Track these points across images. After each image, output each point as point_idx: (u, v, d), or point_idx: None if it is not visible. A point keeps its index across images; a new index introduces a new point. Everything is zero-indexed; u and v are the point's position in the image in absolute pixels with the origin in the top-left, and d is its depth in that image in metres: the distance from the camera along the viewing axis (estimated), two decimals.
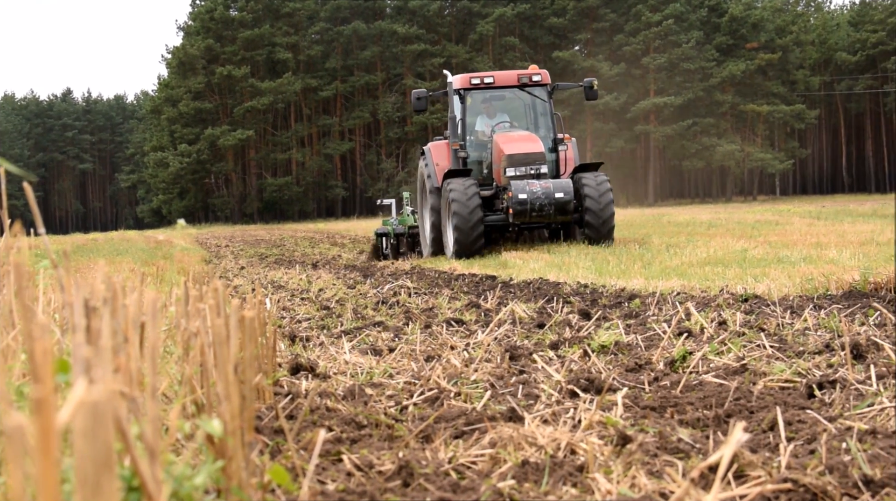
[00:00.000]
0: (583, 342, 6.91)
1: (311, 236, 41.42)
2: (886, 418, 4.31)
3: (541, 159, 21.76)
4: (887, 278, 9.56)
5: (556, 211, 20.97)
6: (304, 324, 9.70)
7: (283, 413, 4.69)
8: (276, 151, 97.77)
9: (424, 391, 5.42)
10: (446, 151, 23.45)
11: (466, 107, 23.28)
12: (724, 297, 9.91)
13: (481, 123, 23.52)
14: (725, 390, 5.11)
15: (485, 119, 23.54)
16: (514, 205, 20.87)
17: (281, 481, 2.96)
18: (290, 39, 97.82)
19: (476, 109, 23.52)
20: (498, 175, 22.20)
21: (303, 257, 25.62)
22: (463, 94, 23.20)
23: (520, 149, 21.79)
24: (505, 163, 21.68)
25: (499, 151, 22.01)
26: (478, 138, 23.42)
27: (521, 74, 23.33)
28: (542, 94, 23.53)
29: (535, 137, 22.30)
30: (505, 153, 21.68)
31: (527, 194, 20.90)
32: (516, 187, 20.99)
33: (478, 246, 21.16)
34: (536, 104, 23.66)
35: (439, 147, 23.70)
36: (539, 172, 21.67)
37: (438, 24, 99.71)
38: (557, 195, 20.94)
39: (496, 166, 22.26)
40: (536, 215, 21.00)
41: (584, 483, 3.49)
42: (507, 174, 21.62)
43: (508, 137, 22.34)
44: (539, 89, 23.54)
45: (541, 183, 21.15)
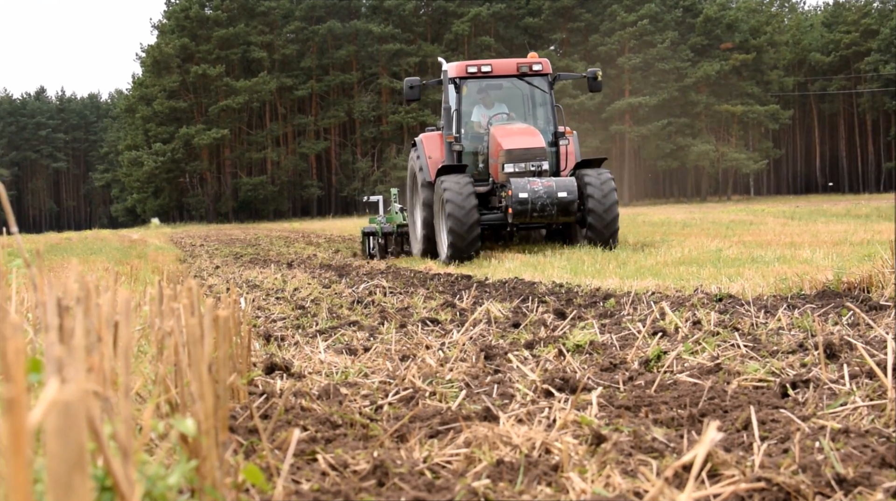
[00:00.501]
0: (558, 342, 6.92)
1: (287, 236, 41.36)
2: (859, 417, 4.33)
3: (541, 155, 20.50)
4: (860, 277, 9.61)
5: (559, 211, 19.73)
6: (280, 323, 9.68)
7: (257, 413, 4.68)
8: (251, 150, 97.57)
9: (399, 391, 5.42)
10: (439, 143, 22.25)
11: (462, 97, 21.90)
12: (699, 296, 9.94)
13: (477, 113, 22.24)
14: (700, 389, 5.12)
15: (481, 110, 22.27)
16: (513, 204, 19.67)
17: (255, 480, 2.95)
18: (265, 38, 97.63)
19: (472, 99, 22.16)
20: (495, 171, 20.95)
21: (278, 257, 25.56)
22: (458, 83, 21.86)
23: (519, 144, 20.54)
24: (503, 158, 20.49)
25: (496, 146, 20.78)
26: (473, 130, 22.12)
27: (521, 63, 22.03)
28: (542, 84, 22.19)
29: (534, 131, 21.03)
30: (503, 148, 20.47)
31: (528, 193, 19.67)
32: (516, 186, 19.76)
33: (474, 249, 19.85)
34: (536, 95, 22.36)
35: (432, 139, 22.45)
36: (541, 169, 20.43)
37: (414, 23, 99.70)
38: (560, 195, 19.70)
39: (493, 161, 21.03)
40: (538, 215, 19.77)
41: (559, 482, 3.49)
42: (506, 171, 20.41)
43: (507, 131, 21.08)
44: (539, 79, 22.20)
45: (542, 181, 19.86)
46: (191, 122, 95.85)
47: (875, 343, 5.97)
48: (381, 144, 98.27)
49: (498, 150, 20.58)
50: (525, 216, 19.73)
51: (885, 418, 4.24)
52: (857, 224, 25.78)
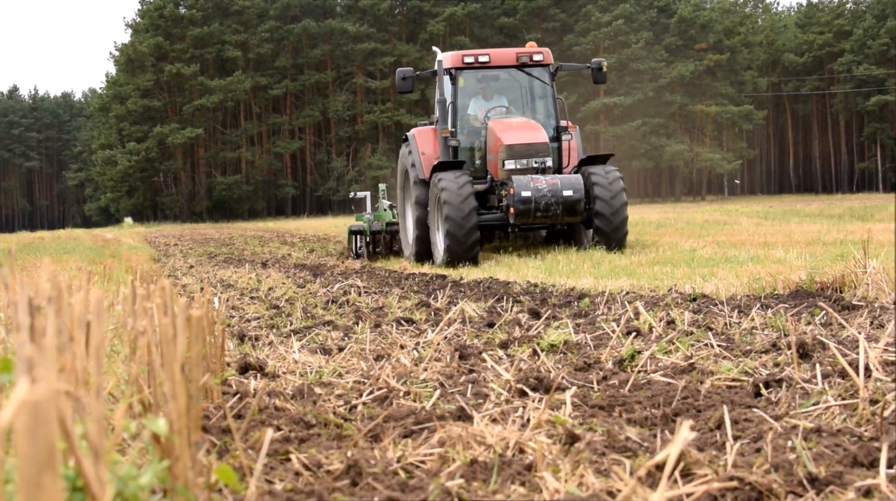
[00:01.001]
0: (532, 342, 6.93)
1: (261, 235, 41.27)
2: (832, 416, 4.35)
3: (544, 151, 19.31)
4: (833, 277, 9.66)
5: (565, 211, 18.58)
6: (254, 323, 9.66)
7: (230, 413, 4.67)
8: (225, 149, 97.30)
9: (374, 391, 5.42)
10: (433, 137, 20.82)
11: (458, 88, 20.66)
12: (673, 296, 9.97)
13: (474, 106, 20.99)
14: (673, 389, 5.14)
15: (479, 102, 21.01)
16: (516, 204, 18.43)
17: (228, 480, 2.94)
18: (239, 37, 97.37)
19: (468, 91, 20.93)
20: (494, 167, 19.74)
21: (252, 256, 25.51)
22: (454, 73, 20.59)
23: (520, 138, 19.36)
24: (503, 154, 19.29)
25: (495, 140, 19.55)
26: (470, 124, 20.87)
27: (521, 53, 20.74)
28: (543, 75, 20.96)
29: (536, 125, 19.86)
30: (503, 143, 19.27)
31: (531, 192, 18.46)
32: (519, 184, 18.53)
33: (473, 252, 18.62)
34: (535, 86, 21.14)
35: (425, 133, 21.01)
36: (544, 165, 19.23)
37: (389, 22, 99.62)
38: (566, 193, 18.53)
39: (492, 157, 19.81)
40: (541, 215, 18.57)
41: (533, 481, 3.50)
42: (506, 168, 19.25)
43: (507, 125, 19.86)
44: (540, 70, 20.95)
45: (547, 179, 18.64)
46: (165, 121, 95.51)
47: (847, 343, 6.00)
48: (356, 143, 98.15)
49: (497, 145, 19.51)
50: (528, 217, 18.64)
51: (857, 417, 4.26)
52: (830, 224, 25.91)
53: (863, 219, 29.27)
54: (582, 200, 18.58)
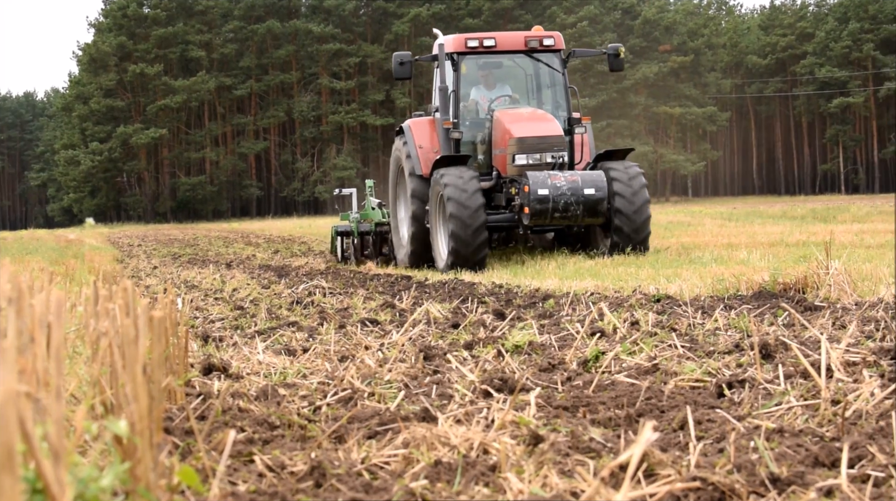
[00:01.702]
0: (497, 343, 6.93)
1: (226, 236, 41.13)
2: (794, 417, 4.38)
3: (560, 144, 17.78)
4: (796, 278, 9.71)
5: (585, 212, 17.04)
6: (218, 324, 9.63)
7: (194, 414, 4.65)
8: (189, 149, 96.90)
9: (338, 392, 5.41)
10: (431, 129, 19.13)
11: (460, 75, 18.96)
12: (637, 297, 10.00)
13: (476, 95, 19.44)
14: (637, 389, 5.15)
15: (481, 91, 19.42)
16: (532, 203, 16.86)
17: (190, 482, 2.93)
18: (203, 37, 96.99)
19: (468, 79, 19.30)
20: (501, 163, 18.21)
21: (217, 257, 25.41)
22: (456, 59, 18.85)
23: (533, 131, 17.80)
24: (513, 148, 17.72)
25: (503, 133, 18.02)
26: (472, 115, 19.29)
27: (529, 37, 19.08)
28: (553, 61, 19.22)
29: (548, 116, 18.37)
30: (513, 136, 17.70)
31: (549, 190, 16.90)
32: (535, 181, 16.96)
33: (481, 255, 17.11)
34: (544, 74, 19.43)
35: (422, 125, 19.30)
36: (561, 160, 17.68)
37: (354, 23, 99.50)
38: (587, 192, 17.02)
39: (498, 152, 18.29)
40: (559, 215, 17.00)
41: (497, 482, 3.50)
42: (517, 163, 17.68)
43: (515, 116, 18.32)
44: (550, 56, 19.20)
45: (566, 175, 17.13)
46: (128, 121, 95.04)
47: (810, 344, 6.04)
48: (320, 144, 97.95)
49: (505, 138, 17.94)
50: (545, 217, 17.04)
51: (819, 417, 4.28)
52: (793, 226, 26.08)
53: (825, 220, 29.47)
54: (605, 199, 17.14)
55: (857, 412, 4.25)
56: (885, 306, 7.87)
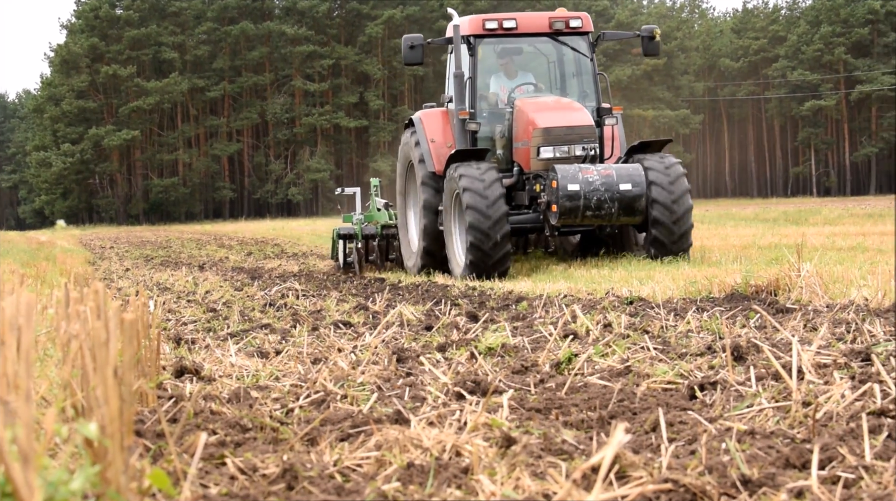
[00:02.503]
0: (470, 345, 6.94)
1: (198, 238, 41.01)
2: (765, 418, 4.39)
3: (590, 135, 16.11)
4: (768, 281, 9.76)
5: (621, 210, 15.44)
6: (190, 326, 9.60)
7: (165, 417, 4.63)
8: (162, 151, 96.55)
9: (311, 394, 5.40)
10: (444, 121, 17.39)
11: (477, 61, 17.12)
12: (610, 299, 10.03)
13: (495, 84, 17.62)
14: (609, 391, 5.16)
15: (500, 79, 17.64)
16: (561, 200, 15.21)
17: (161, 485, 2.92)
18: (176, 39, 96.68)
19: (486, 67, 17.51)
20: (524, 157, 16.50)
21: (189, 259, 25.33)
22: (473, 42, 17.01)
23: (560, 121, 16.14)
24: (538, 140, 16.01)
25: (526, 124, 16.27)
26: (490, 105, 17.44)
27: (554, 18, 17.24)
28: (581, 45, 17.40)
29: (577, 105, 16.70)
30: (538, 126, 15.99)
31: (580, 185, 15.27)
32: (564, 175, 15.32)
33: (504, 262, 15.28)
34: (568, 60, 17.71)
35: (433, 117, 17.54)
36: (593, 152, 16.05)
37: (327, 25, 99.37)
38: (623, 188, 15.42)
39: (520, 145, 16.60)
40: (592, 214, 15.39)
41: (469, 484, 3.50)
42: (542, 156, 15.99)
43: (540, 104, 16.62)
44: (577, 40, 17.36)
45: (599, 169, 15.52)
46: (100, 122, 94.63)
47: (781, 346, 6.06)
48: (294, 146, 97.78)
49: (529, 129, 16.21)
50: (575, 216, 15.39)
51: (790, 419, 4.30)
52: (765, 228, 26.20)
53: (797, 223, 29.62)
54: (643, 195, 15.47)
55: (827, 414, 4.27)
56: (855, 308, 7.91)
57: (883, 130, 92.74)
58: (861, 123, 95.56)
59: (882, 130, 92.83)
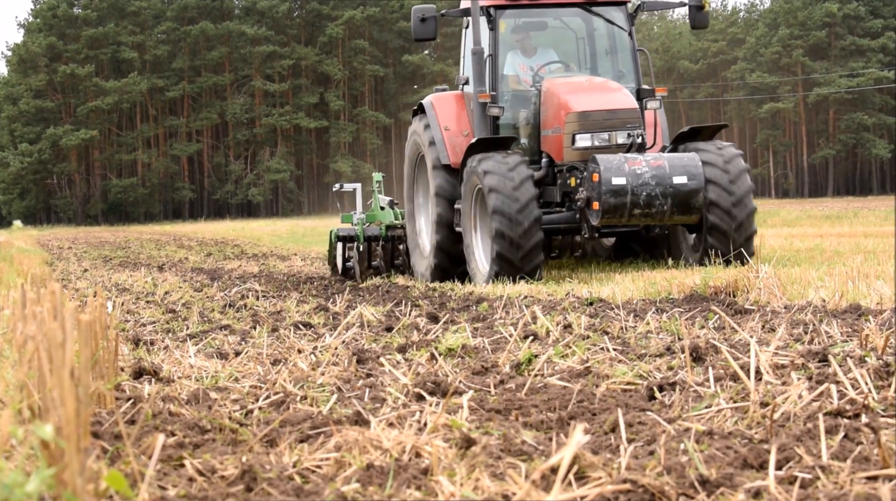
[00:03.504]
0: (430, 346, 6.93)
1: (158, 239, 40.81)
2: (723, 419, 4.42)
3: (634, 120, 13.97)
4: (726, 282, 9.81)
5: (674, 206, 13.37)
6: (149, 327, 9.55)
7: (123, 418, 4.60)
8: (121, 151, 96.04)
9: (270, 395, 5.38)
10: (459, 107, 15.34)
11: (499, 35, 14.91)
12: (570, 300, 10.05)
13: (512, 63, 15.32)
14: (569, 392, 5.17)
15: (518, 58, 15.34)
16: (604, 196, 13.15)
17: (118, 487, 2.90)
18: (135, 39, 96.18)
19: (505, 43, 15.19)
20: (555, 146, 14.37)
21: (148, 260, 25.19)
22: (494, 14, 14.82)
23: (599, 103, 14.05)
24: (574, 126, 13.96)
25: (558, 107, 14.18)
26: (510, 87, 15.25)
27: None
28: (618, 17, 15.38)
29: (616, 85, 14.63)
30: (573, 110, 13.95)
31: (626, 178, 13.22)
32: (608, 166, 13.23)
33: (534, 269, 13.35)
34: (601, 35, 15.58)
35: (447, 102, 15.49)
36: (640, 139, 13.86)
37: (287, 25, 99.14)
38: (677, 180, 13.37)
39: (551, 132, 14.46)
40: (640, 212, 13.35)
41: (428, 485, 3.50)
42: (578, 145, 13.94)
43: (574, 85, 14.50)
44: (613, 10, 15.35)
45: (648, 160, 13.45)
46: (58, 122, 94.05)
47: (739, 346, 6.10)
48: (254, 146, 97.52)
49: (561, 114, 14.17)
50: (620, 215, 13.38)
51: (748, 420, 4.32)
52: None
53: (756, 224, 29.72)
54: (701, 190, 13.42)
55: (785, 415, 4.30)
56: (813, 309, 7.97)
57: (840, 133, 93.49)
58: (819, 126, 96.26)
59: (839, 132, 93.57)
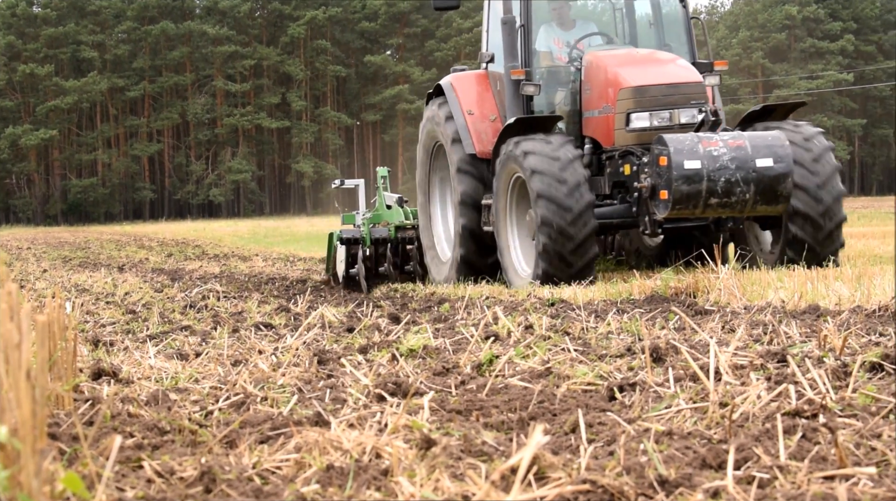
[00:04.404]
0: (392, 347, 6.93)
1: (118, 239, 40.59)
2: (683, 419, 4.43)
3: (700, 95, 12.31)
4: (687, 283, 9.86)
5: (759, 195, 11.48)
6: (109, 328, 9.50)
7: (81, 420, 4.57)
8: (81, 151, 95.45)
9: (230, 396, 5.36)
10: (483, 88, 13.76)
11: (531, 4, 13.17)
12: (531, 301, 10.07)
13: (546, 37, 13.56)
14: (530, 393, 5.18)
15: (553, 31, 13.63)
16: (676, 183, 11.29)
17: (74, 488, 2.88)
18: (95, 38, 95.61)
19: (538, 16, 13.39)
20: (603, 129, 12.64)
21: (108, 260, 25.05)
22: None
23: (657, 76, 12.37)
24: (629, 103, 12.25)
25: (606, 84, 12.48)
26: (542, 65, 13.46)
27: None
28: None
29: (673, 55, 13.05)
30: (627, 85, 12.24)
31: (700, 161, 11.37)
32: (679, 148, 11.38)
33: (587, 266, 11.82)
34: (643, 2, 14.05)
35: (469, 82, 13.90)
36: (715, 118, 12.05)
37: (249, 25, 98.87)
38: (761, 163, 11.48)
39: (596, 113, 12.75)
40: (718, 202, 11.48)
41: (389, 486, 3.49)
42: (635, 126, 12.23)
43: (624, 57, 12.83)
44: None
45: (725, 139, 11.60)
46: (17, 122, 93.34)
47: (699, 347, 6.12)
48: (215, 146, 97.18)
49: (610, 90, 12.43)
50: (695, 205, 11.50)
51: (707, 420, 4.34)
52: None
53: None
54: (790, 175, 11.53)
55: (744, 415, 4.32)
56: (772, 310, 8.02)
57: None
58: None
59: None
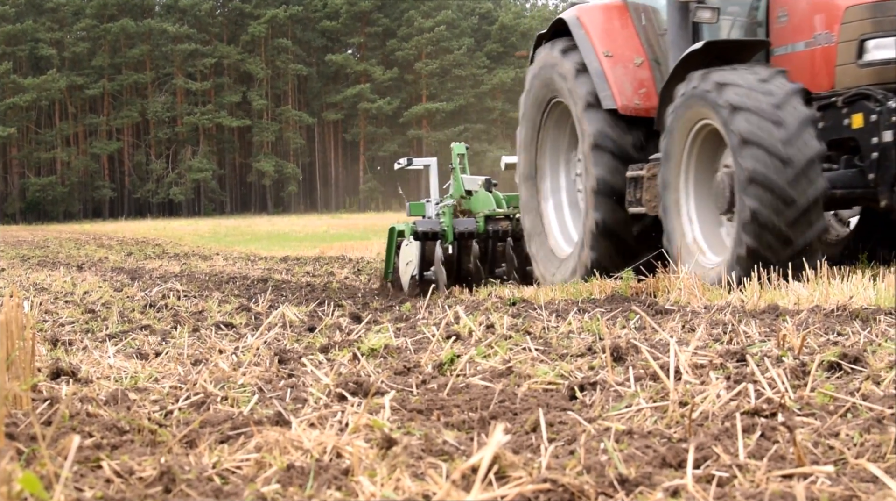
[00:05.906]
0: (353, 346, 6.91)
1: (77, 238, 40.32)
2: (643, 418, 4.45)
3: None
4: (648, 283, 9.90)
5: None
6: (68, 328, 9.43)
7: (39, 420, 4.54)
8: (39, 149, 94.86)
9: (190, 396, 5.33)
10: (621, 24, 11.06)
11: None
12: (493, 301, 10.09)
13: None
14: (491, 392, 5.18)
15: None
16: None
17: (32, 489, 2.86)
18: (54, 35, 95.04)
19: None
20: (815, 67, 9.77)
21: (67, 259, 24.87)
22: None
23: None
24: (860, 26, 9.41)
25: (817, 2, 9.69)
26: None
27: None
28: None
29: None
30: (854, 2, 9.43)
31: None
32: None
33: (814, 228, 9.14)
34: None
35: (601, 16, 11.20)
36: None
37: (210, 23, 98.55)
38: None
39: (802, 46, 9.94)
40: None
41: (349, 486, 3.49)
42: (871, 58, 9.36)
43: None
44: None
45: None
46: None
47: (660, 346, 6.15)
48: (175, 145, 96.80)
49: (823, 11, 9.62)
50: None
51: (667, 419, 4.36)
52: None
53: None
54: None
55: (703, 414, 4.34)
56: (732, 309, 8.06)
57: None
58: None
59: None
